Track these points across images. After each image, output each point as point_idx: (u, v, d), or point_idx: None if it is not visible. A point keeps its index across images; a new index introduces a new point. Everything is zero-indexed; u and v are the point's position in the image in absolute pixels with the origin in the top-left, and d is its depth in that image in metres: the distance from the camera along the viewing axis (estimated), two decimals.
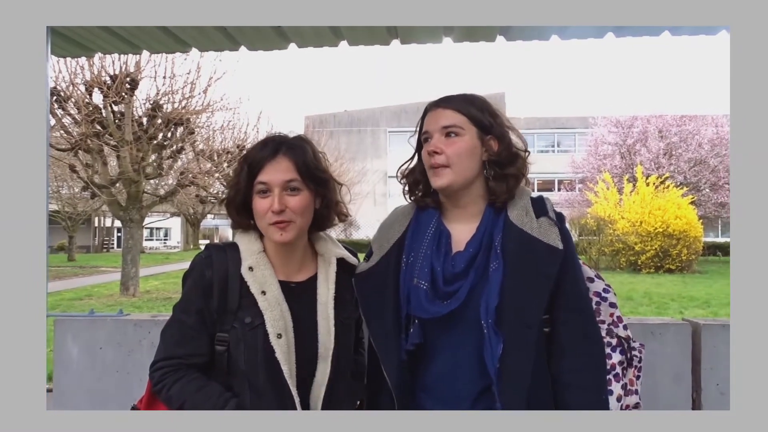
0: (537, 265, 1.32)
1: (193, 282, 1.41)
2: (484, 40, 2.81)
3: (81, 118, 10.58)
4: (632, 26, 2.60)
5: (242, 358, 1.36)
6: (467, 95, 1.44)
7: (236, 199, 1.42)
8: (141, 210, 12.24)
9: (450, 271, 1.36)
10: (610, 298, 1.51)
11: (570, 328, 1.35)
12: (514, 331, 1.29)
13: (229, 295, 1.38)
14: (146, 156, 11.54)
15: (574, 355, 1.34)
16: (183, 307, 1.42)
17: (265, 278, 1.40)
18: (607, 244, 18.77)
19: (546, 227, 1.35)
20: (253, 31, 2.65)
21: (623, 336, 1.50)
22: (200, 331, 1.39)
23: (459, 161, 1.36)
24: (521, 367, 1.29)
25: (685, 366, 2.06)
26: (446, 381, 1.37)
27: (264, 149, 1.41)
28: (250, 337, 1.36)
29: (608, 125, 28.07)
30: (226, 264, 1.40)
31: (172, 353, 1.39)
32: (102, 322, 2.16)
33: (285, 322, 1.38)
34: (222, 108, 13.29)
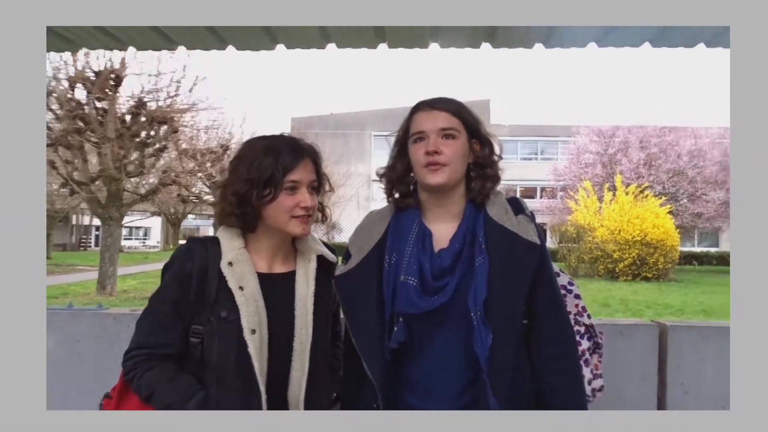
0: (518, 259, 1.40)
1: (172, 273, 1.45)
2: (470, 47, 2.87)
3: (63, 113, 10.46)
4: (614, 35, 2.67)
5: (215, 351, 1.39)
6: (453, 99, 1.51)
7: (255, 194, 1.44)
8: (121, 208, 12.12)
9: (438, 266, 1.42)
10: (574, 291, 1.66)
11: (548, 318, 1.44)
12: (500, 322, 1.36)
13: (207, 288, 1.42)
14: (128, 154, 11.44)
15: (553, 343, 1.43)
16: (159, 298, 1.45)
17: (244, 274, 1.43)
18: (586, 252, 19.01)
19: (524, 224, 1.44)
20: (242, 31, 2.67)
21: (587, 323, 1.64)
22: (175, 323, 1.42)
23: (455, 162, 1.44)
24: (507, 355, 1.36)
25: (651, 365, 2.14)
26: (433, 376, 1.41)
27: (295, 152, 1.48)
28: (225, 331, 1.39)
29: (590, 134, 28.45)
30: (207, 258, 1.44)
31: (145, 342, 1.42)
32: (81, 315, 2.16)
33: (260, 318, 1.41)
34: (207, 107, 13.25)
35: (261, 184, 1.44)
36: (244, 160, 1.48)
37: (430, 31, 2.65)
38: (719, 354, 2.14)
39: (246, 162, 1.47)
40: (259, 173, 1.44)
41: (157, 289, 1.47)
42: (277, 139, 1.52)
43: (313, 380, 1.47)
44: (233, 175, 1.48)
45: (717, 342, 2.16)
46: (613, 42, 2.74)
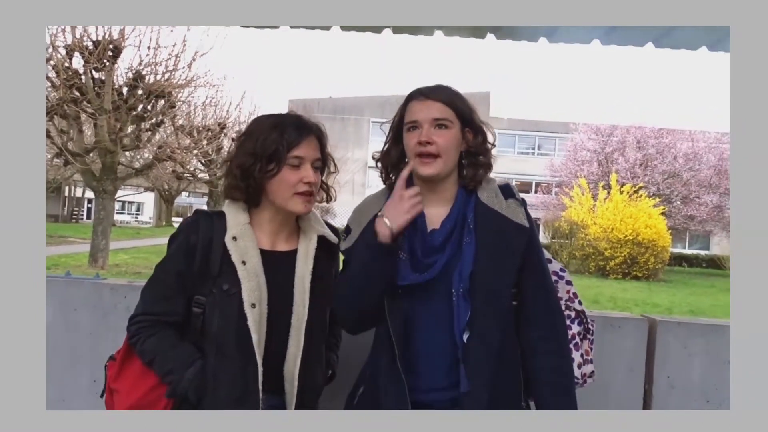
0: (506, 240, 1.45)
1: (177, 245, 1.49)
2: (475, 37, 2.86)
3: (59, 82, 10.36)
4: (618, 34, 2.68)
5: (215, 322, 1.43)
6: (448, 88, 1.52)
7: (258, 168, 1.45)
8: (115, 181, 12.06)
9: (428, 245, 1.46)
10: (566, 277, 1.68)
11: (537, 300, 1.48)
12: (484, 300, 1.40)
13: (211, 261, 1.45)
14: (124, 126, 11.37)
15: (541, 325, 1.47)
16: (164, 268, 1.50)
17: (247, 249, 1.46)
18: (578, 248, 19.15)
19: (514, 207, 1.48)
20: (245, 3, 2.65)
21: (579, 309, 1.66)
22: (178, 292, 1.46)
23: (447, 151, 1.45)
24: (491, 333, 1.40)
25: (639, 359, 2.18)
26: (422, 353, 1.45)
27: (301, 128, 1.50)
28: (226, 303, 1.43)
29: (588, 132, 28.53)
30: (212, 231, 1.47)
31: (149, 309, 1.48)
32: (78, 284, 2.17)
33: (260, 293, 1.45)
34: (205, 84, 13.16)
35: (265, 158, 1.46)
36: (251, 135, 1.50)
37: None
38: (706, 350, 2.18)
39: (252, 137, 1.49)
40: (264, 148, 1.46)
41: (162, 259, 1.52)
42: (284, 116, 1.54)
43: (308, 357, 1.50)
44: (240, 150, 1.50)
45: (704, 338, 2.19)
46: (617, 40, 2.74)
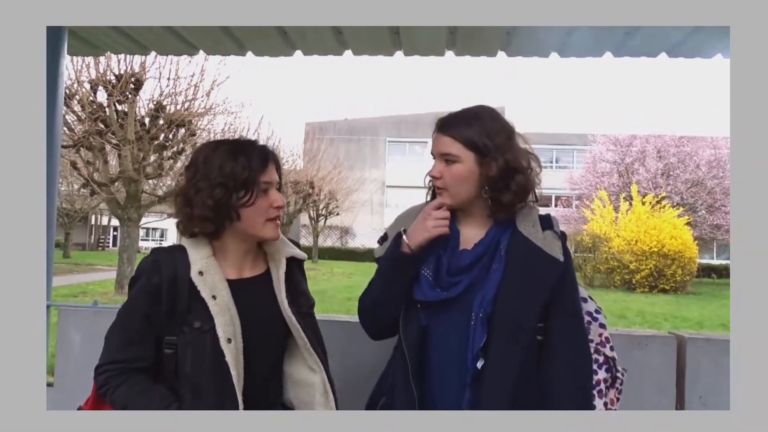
0: (537, 272, 1.41)
1: (140, 287, 1.41)
2: (486, 55, 2.89)
3: (85, 115, 10.65)
4: (631, 46, 2.69)
5: (188, 362, 1.38)
6: (468, 116, 1.48)
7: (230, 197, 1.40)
8: (139, 209, 12.29)
9: (455, 264, 1.46)
10: (600, 319, 1.60)
11: (562, 337, 1.42)
12: (504, 328, 1.37)
13: (178, 299, 1.39)
14: (147, 156, 11.60)
15: (562, 366, 1.41)
16: (128, 312, 1.43)
17: (215, 283, 1.41)
18: (602, 262, 18.83)
19: (550, 240, 1.44)
20: (260, 37, 2.73)
21: (609, 356, 1.57)
22: (145, 336, 1.40)
23: (454, 186, 1.45)
24: (508, 364, 1.36)
25: (669, 378, 2.12)
26: (441, 368, 1.45)
27: (262, 154, 1.46)
28: (199, 341, 1.38)
29: (607, 143, 28.24)
30: (175, 268, 1.41)
31: (115, 357, 1.40)
32: (106, 313, 2.22)
33: (234, 327, 1.40)
34: (224, 111, 13.38)
35: (238, 186, 1.41)
36: (209, 164, 1.43)
37: (446, 39, 2.68)
38: None
39: (212, 166, 1.42)
40: (234, 176, 1.41)
41: (125, 303, 1.44)
42: (237, 142, 1.49)
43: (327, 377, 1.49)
44: (201, 182, 1.42)
45: None
46: (630, 51, 2.75)
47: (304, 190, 25.40)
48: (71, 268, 19.90)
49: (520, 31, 2.55)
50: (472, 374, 1.38)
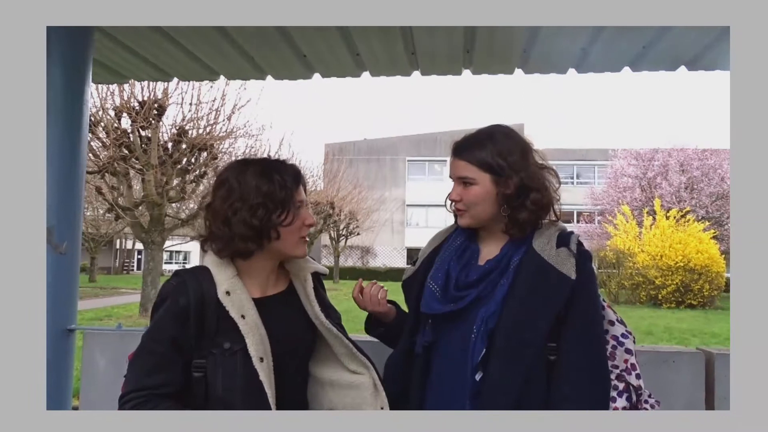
0: (545, 289, 1.39)
1: (166, 310, 1.38)
2: (503, 73, 2.90)
3: (109, 141, 10.90)
4: (648, 60, 2.67)
5: (220, 384, 1.36)
6: (481, 137, 1.51)
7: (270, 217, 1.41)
8: (162, 233, 12.46)
9: (464, 279, 1.48)
10: (627, 344, 1.52)
11: (571, 359, 1.38)
12: (505, 343, 1.37)
13: (206, 320, 1.37)
14: (170, 180, 11.79)
15: (568, 385, 1.37)
16: (154, 336, 1.38)
17: (243, 302, 1.40)
18: (626, 278, 18.52)
19: (563, 257, 1.42)
20: (279, 61, 2.78)
21: (634, 384, 1.48)
22: (173, 360, 1.36)
23: (473, 207, 1.50)
24: (508, 379, 1.36)
25: (698, 395, 2.07)
26: (445, 379, 1.47)
27: (294, 172, 1.49)
28: (229, 362, 1.36)
29: (628, 158, 27.94)
30: (201, 289, 1.39)
31: (142, 384, 1.34)
32: (130, 336, 2.25)
33: (264, 345, 1.39)
34: (245, 134, 13.59)
35: (277, 206, 1.42)
36: (245, 184, 1.43)
37: (463, 58, 2.70)
38: None
39: (248, 186, 1.42)
40: (272, 196, 1.42)
41: (150, 327, 1.41)
42: (267, 161, 1.50)
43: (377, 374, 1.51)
44: (239, 201, 1.41)
45: None
46: (648, 66, 2.73)
47: (324, 210, 25.55)
48: (96, 291, 20.20)
49: (536, 48, 2.55)
50: (472, 387, 1.38)
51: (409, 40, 2.50)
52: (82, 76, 2.25)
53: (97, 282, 26.23)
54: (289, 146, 18.59)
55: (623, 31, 2.37)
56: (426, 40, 2.51)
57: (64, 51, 2.17)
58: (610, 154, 29.80)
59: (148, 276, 12.34)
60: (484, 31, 2.41)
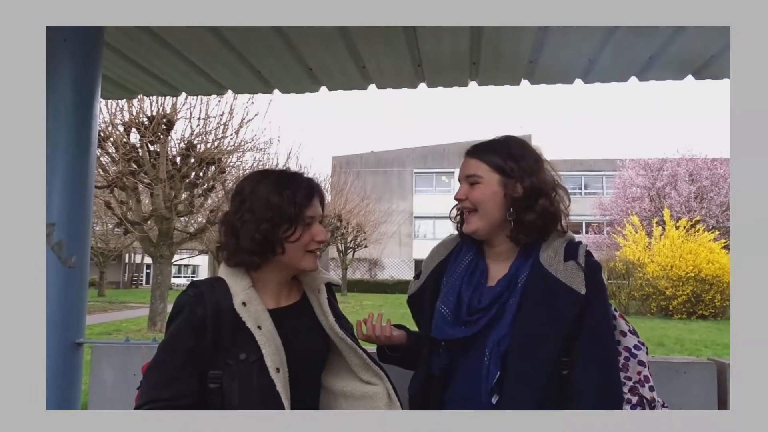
0: (554, 305, 1.36)
1: (183, 321, 1.37)
2: (509, 84, 2.91)
3: (118, 156, 11.00)
4: (655, 70, 2.67)
5: (236, 395, 1.34)
6: (494, 142, 1.52)
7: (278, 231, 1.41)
8: (171, 246, 12.51)
9: (476, 304, 1.44)
10: (640, 356, 1.50)
11: (584, 374, 1.36)
12: (519, 364, 1.35)
13: (223, 331, 1.37)
14: (179, 194, 11.86)
15: (582, 402, 1.34)
16: (171, 347, 1.37)
17: (259, 313, 1.40)
18: (636, 288, 18.37)
19: (572, 271, 1.39)
20: (286, 74, 2.80)
21: (648, 397, 1.46)
22: (190, 372, 1.34)
23: (482, 205, 1.46)
24: (522, 400, 1.33)
25: (710, 406, 2.03)
26: (460, 403, 1.44)
27: (308, 188, 1.48)
28: (246, 373, 1.35)
29: (636, 168, 27.86)
30: (218, 300, 1.38)
31: (158, 396, 1.33)
32: (137, 349, 2.25)
33: (280, 356, 1.39)
34: (253, 148, 13.65)
35: (284, 221, 1.42)
36: (256, 196, 1.43)
37: (469, 69, 2.71)
38: None
39: (260, 198, 1.43)
40: (280, 211, 1.42)
41: (165, 338, 1.39)
42: (284, 173, 1.51)
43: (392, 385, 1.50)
44: (248, 213, 1.42)
45: None
46: (655, 75, 2.73)
47: (332, 223, 25.58)
48: (105, 306, 20.28)
49: (542, 58, 2.56)
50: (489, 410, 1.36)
51: (415, 52, 2.52)
52: (91, 91, 2.27)
53: (106, 296, 26.33)
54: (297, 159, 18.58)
55: (630, 40, 2.37)
56: (432, 52, 2.52)
57: (73, 67, 2.20)
58: (618, 165, 29.71)
59: (156, 290, 12.38)
60: (490, 42, 2.41)
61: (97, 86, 2.30)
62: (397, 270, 34.70)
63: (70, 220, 2.15)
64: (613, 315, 1.50)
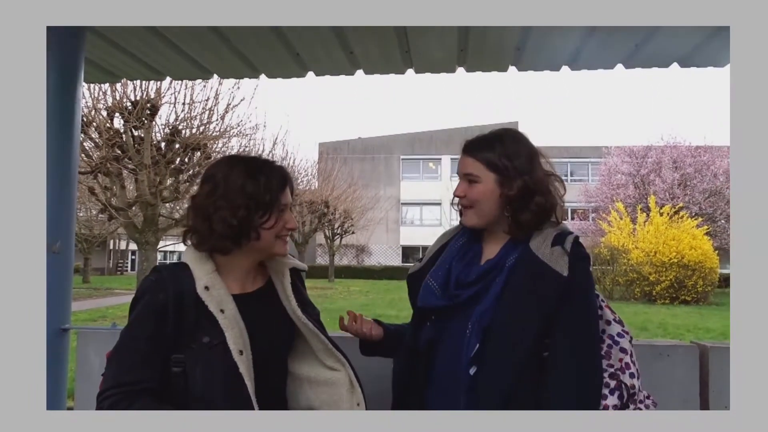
0: (537, 286, 1.42)
1: (144, 306, 1.39)
2: (496, 70, 2.91)
3: (102, 142, 10.84)
4: (641, 58, 2.68)
5: (199, 378, 1.36)
6: (491, 138, 1.56)
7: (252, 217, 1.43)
8: (156, 233, 12.40)
9: (464, 278, 1.52)
10: (622, 344, 1.53)
11: (560, 355, 1.40)
12: (499, 339, 1.40)
13: (185, 315, 1.38)
14: (164, 180, 11.73)
15: (558, 384, 1.38)
16: (133, 333, 1.39)
17: (221, 297, 1.42)
18: (621, 274, 18.61)
19: (557, 255, 1.44)
20: (273, 59, 2.77)
21: (627, 383, 1.48)
22: (152, 356, 1.36)
23: (478, 204, 1.53)
24: (500, 375, 1.39)
25: (693, 388, 2.08)
26: (443, 375, 1.50)
27: (281, 175, 1.51)
28: (209, 356, 1.37)
29: (622, 155, 28.07)
30: (180, 285, 1.40)
31: (121, 380, 1.34)
32: None
33: (244, 339, 1.41)
34: (238, 134, 13.54)
35: (260, 207, 1.44)
36: (230, 182, 1.44)
37: (456, 55, 2.70)
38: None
39: (234, 184, 1.43)
40: (256, 197, 1.43)
41: (128, 324, 1.42)
42: (256, 160, 1.51)
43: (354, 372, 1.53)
44: (222, 199, 1.42)
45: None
46: (641, 62, 2.75)
47: (319, 209, 25.52)
48: (90, 292, 20.11)
49: (529, 45, 2.56)
50: (466, 382, 1.41)
51: (403, 38, 2.50)
52: (75, 75, 2.24)
53: (90, 283, 26.11)
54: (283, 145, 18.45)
55: (616, 28, 2.37)
56: (420, 39, 2.51)
57: (56, 50, 2.16)
58: (603, 152, 29.92)
59: (142, 277, 12.30)
60: (478, 29, 2.41)
61: (80, 70, 2.27)
62: (384, 256, 34.78)
63: (54, 205, 2.13)
64: (600, 305, 1.54)
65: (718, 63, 2.74)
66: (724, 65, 2.75)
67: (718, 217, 25.47)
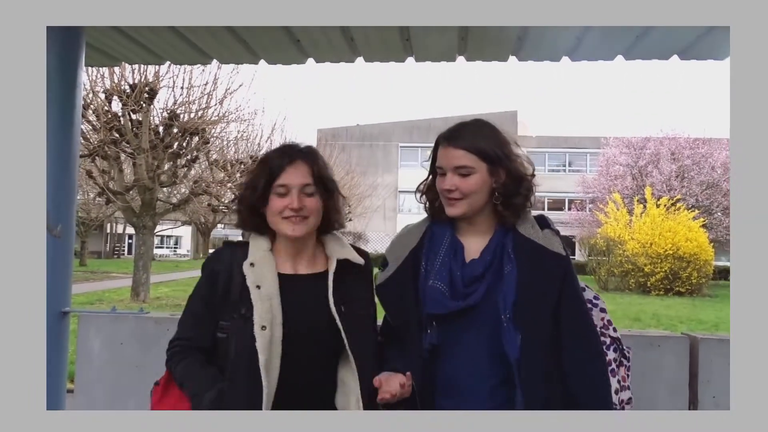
0: (545, 268, 1.48)
1: (204, 274, 1.60)
2: (497, 60, 2.91)
3: (100, 125, 10.79)
4: (641, 49, 2.69)
5: (233, 346, 1.49)
6: (476, 127, 1.55)
7: (251, 199, 1.57)
8: (154, 217, 12.41)
9: (469, 274, 1.50)
10: (600, 305, 1.71)
11: (575, 325, 1.49)
12: (529, 325, 1.44)
13: (232, 287, 1.53)
14: (161, 164, 11.72)
15: (576, 349, 1.48)
16: (192, 296, 1.61)
17: (264, 274, 1.53)
18: (616, 265, 18.69)
19: (550, 237, 1.53)
20: (273, 45, 2.76)
21: (615, 336, 1.68)
22: (205, 319, 1.55)
23: (470, 194, 1.52)
24: (537, 358, 1.43)
25: (682, 378, 2.12)
26: (463, 378, 1.48)
27: (283, 156, 1.56)
28: (241, 328, 1.48)
29: (620, 146, 28.06)
30: (233, 260, 1.56)
31: (182, 334, 1.58)
32: (124, 318, 2.26)
33: (272, 315, 1.48)
34: (237, 119, 13.50)
35: (255, 189, 1.56)
36: (252, 169, 1.65)
37: (457, 44, 2.70)
38: None
39: (249, 171, 1.65)
40: (253, 180, 1.58)
41: (194, 288, 1.62)
42: (276, 148, 1.66)
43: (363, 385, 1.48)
44: (245, 184, 1.64)
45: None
46: (641, 54, 2.75)
47: None
48: (87, 276, 20.12)
49: (530, 35, 2.56)
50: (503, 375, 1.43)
51: (404, 26, 2.50)
52: (75, 59, 2.23)
53: (87, 266, 26.10)
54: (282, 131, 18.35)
55: None
56: (420, 27, 2.51)
57: (56, 34, 2.15)
58: (602, 143, 29.90)
59: (139, 260, 12.31)
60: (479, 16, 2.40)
61: (81, 53, 2.26)
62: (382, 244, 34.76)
63: (55, 189, 2.13)
64: None
65: (718, 56, 2.74)
66: (724, 58, 2.76)
67: (715, 210, 25.56)
